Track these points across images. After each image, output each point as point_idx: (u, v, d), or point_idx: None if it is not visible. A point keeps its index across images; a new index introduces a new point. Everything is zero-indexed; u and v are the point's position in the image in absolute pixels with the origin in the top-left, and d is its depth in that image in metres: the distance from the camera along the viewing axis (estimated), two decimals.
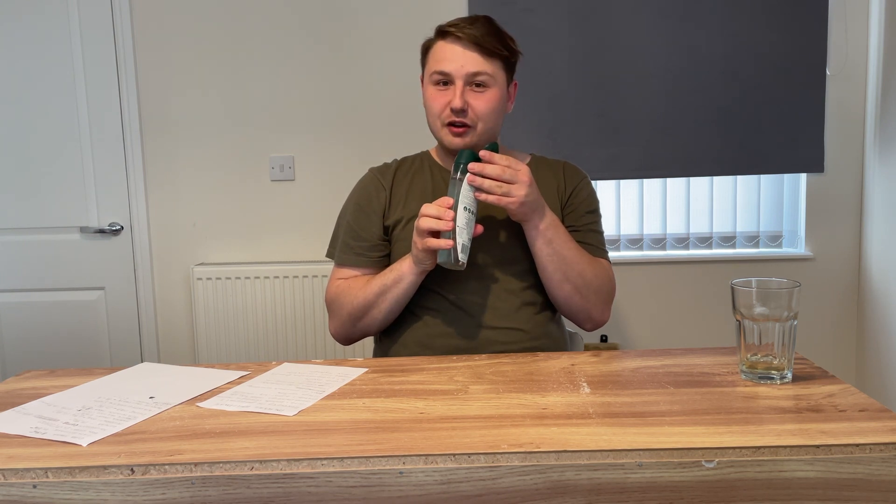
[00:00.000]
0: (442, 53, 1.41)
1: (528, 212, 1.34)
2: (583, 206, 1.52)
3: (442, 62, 1.40)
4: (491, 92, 1.41)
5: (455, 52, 1.39)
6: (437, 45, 1.43)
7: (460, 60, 1.39)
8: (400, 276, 1.38)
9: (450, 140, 1.43)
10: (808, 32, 2.54)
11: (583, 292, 1.41)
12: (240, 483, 0.85)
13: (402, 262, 1.39)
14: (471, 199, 1.30)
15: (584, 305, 1.43)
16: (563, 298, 1.42)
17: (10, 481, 0.85)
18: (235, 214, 2.70)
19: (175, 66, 2.65)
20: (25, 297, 2.72)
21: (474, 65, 1.39)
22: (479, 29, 1.40)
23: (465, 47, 1.39)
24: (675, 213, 2.72)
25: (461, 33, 1.39)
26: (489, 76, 1.40)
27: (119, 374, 1.24)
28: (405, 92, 2.57)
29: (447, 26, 1.42)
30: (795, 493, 0.84)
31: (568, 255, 1.39)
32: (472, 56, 1.39)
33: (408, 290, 1.39)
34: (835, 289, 2.66)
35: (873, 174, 2.53)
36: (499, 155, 1.32)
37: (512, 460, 0.85)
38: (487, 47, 1.39)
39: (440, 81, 1.41)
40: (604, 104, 2.59)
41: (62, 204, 2.69)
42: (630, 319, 2.70)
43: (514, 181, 1.30)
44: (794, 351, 1.10)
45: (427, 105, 1.45)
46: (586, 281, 1.41)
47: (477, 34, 1.39)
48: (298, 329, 2.61)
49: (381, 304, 1.41)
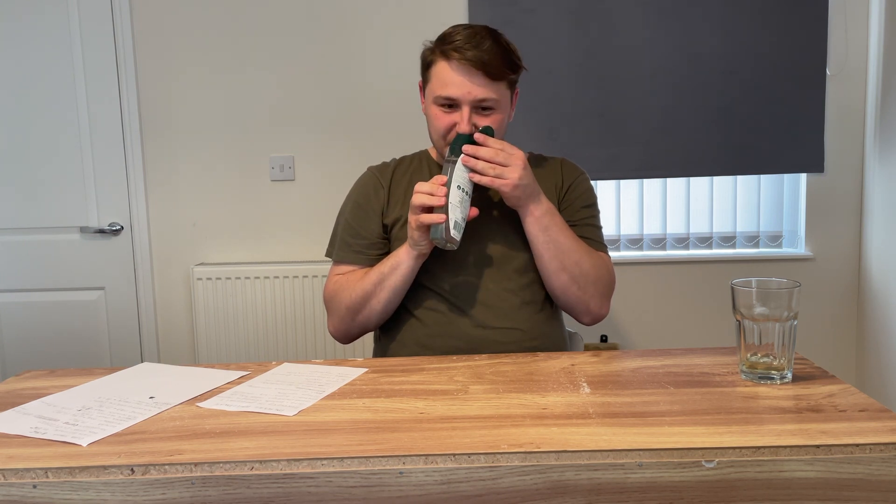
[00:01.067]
0: (447, 76, 1.37)
1: (522, 196, 1.34)
2: (580, 200, 1.52)
3: (447, 87, 1.37)
4: (497, 114, 1.40)
5: (461, 78, 1.36)
6: (441, 66, 1.38)
7: (467, 87, 1.36)
8: (397, 262, 1.38)
9: None
10: (808, 32, 2.54)
11: (580, 282, 1.40)
12: (240, 483, 0.85)
13: (398, 249, 1.40)
14: (465, 180, 1.32)
15: (581, 297, 1.42)
16: (561, 289, 1.41)
17: (10, 481, 0.85)
18: (235, 214, 2.70)
19: (175, 66, 2.65)
20: (25, 297, 2.72)
21: (481, 91, 1.36)
22: (484, 50, 1.35)
23: (471, 73, 1.35)
24: (675, 213, 2.72)
25: (466, 58, 1.34)
26: (497, 100, 1.38)
27: (119, 374, 1.24)
28: (405, 92, 2.57)
29: (450, 47, 1.36)
30: (795, 493, 0.84)
31: (564, 243, 1.38)
32: (478, 81, 1.35)
33: (406, 276, 1.39)
34: (835, 289, 2.66)
35: (873, 174, 2.53)
36: (493, 139, 1.34)
37: (512, 460, 0.85)
38: (494, 72, 1.36)
39: (446, 104, 1.39)
40: (604, 104, 2.59)
41: (62, 204, 2.69)
42: (630, 319, 2.70)
43: (508, 164, 1.31)
44: (794, 351, 1.10)
45: (431, 122, 1.44)
46: (583, 271, 1.40)
47: (484, 58, 1.34)
48: (298, 329, 2.61)
49: (379, 293, 1.41)
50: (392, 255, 1.41)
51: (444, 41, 1.39)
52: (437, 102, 1.40)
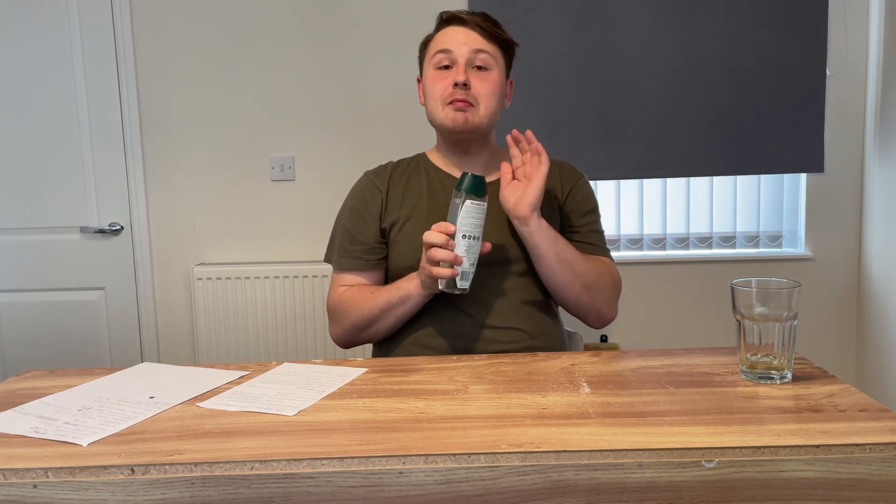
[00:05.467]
0: (444, 36, 1.46)
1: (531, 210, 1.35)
2: (582, 206, 1.52)
3: (444, 42, 1.45)
4: (493, 74, 1.45)
5: (458, 33, 1.45)
6: (439, 32, 1.48)
7: (463, 38, 1.43)
8: (407, 295, 1.38)
9: (452, 117, 1.42)
10: (808, 32, 2.54)
11: (591, 290, 1.41)
12: (240, 483, 0.85)
13: (409, 280, 1.38)
14: (473, 225, 1.28)
15: (592, 303, 1.43)
16: (573, 298, 1.42)
17: (10, 481, 0.85)
18: (235, 214, 2.70)
19: (175, 65, 2.65)
20: (25, 297, 2.72)
21: (476, 42, 1.43)
22: (477, 15, 1.47)
23: (466, 28, 1.45)
24: (675, 213, 2.72)
25: (463, 16, 1.46)
26: (491, 56, 1.44)
27: (119, 374, 1.24)
28: (405, 92, 2.57)
29: (445, 16, 1.48)
30: (795, 493, 0.84)
31: (573, 254, 1.40)
32: (474, 36, 1.44)
33: (414, 308, 1.40)
34: (835, 289, 2.66)
35: (873, 174, 2.53)
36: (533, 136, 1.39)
37: (512, 460, 0.85)
38: (489, 30, 1.45)
39: (442, 62, 1.44)
40: (603, 104, 2.59)
41: (62, 204, 2.69)
42: (630, 319, 2.70)
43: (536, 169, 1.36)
44: (794, 351, 1.10)
45: (428, 90, 1.46)
46: (594, 279, 1.41)
47: (478, 18, 1.46)
48: (298, 329, 2.61)
49: (385, 318, 1.42)
50: (402, 284, 1.39)
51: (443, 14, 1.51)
52: (433, 63, 1.46)
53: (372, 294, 1.43)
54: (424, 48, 1.51)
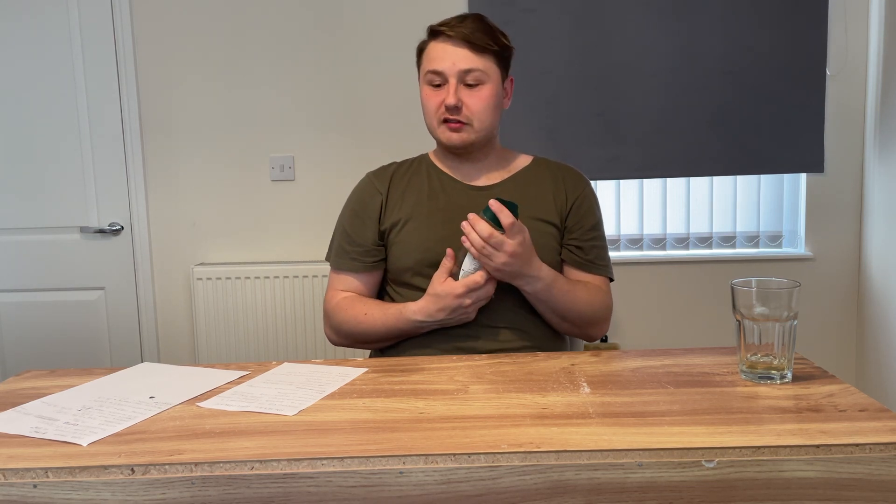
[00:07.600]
0: (434, 53, 1.43)
1: (506, 277, 1.33)
2: (586, 219, 1.50)
3: (434, 61, 1.42)
4: (485, 89, 1.42)
5: (446, 51, 1.41)
6: (430, 46, 1.45)
7: (451, 58, 1.40)
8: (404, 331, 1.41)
9: (447, 137, 1.44)
10: (808, 32, 2.54)
11: (579, 325, 1.45)
12: (240, 483, 0.85)
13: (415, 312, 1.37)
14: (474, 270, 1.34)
15: (581, 333, 1.49)
16: (564, 331, 1.47)
17: (10, 481, 0.85)
18: (235, 214, 2.70)
19: (175, 65, 2.65)
20: (25, 297, 2.72)
21: (465, 62, 1.40)
22: (468, 26, 1.41)
23: (455, 45, 1.41)
24: (675, 213, 2.72)
25: (451, 31, 1.41)
26: (481, 72, 1.41)
27: (119, 374, 1.24)
28: (405, 92, 2.57)
29: (437, 26, 1.44)
30: (795, 493, 0.84)
31: (561, 306, 1.40)
32: (463, 53, 1.40)
33: (412, 333, 1.42)
34: (835, 289, 2.66)
35: (873, 174, 2.53)
36: (482, 225, 1.28)
37: (512, 460, 0.85)
38: (478, 44, 1.40)
39: (434, 81, 1.43)
40: (603, 104, 2.59)
41: (62, 204, 2.69)
42: (630, 319, 2.70)
43: (498, 250, 1.28)
44: (794, 351, 1.10)
45: (423, 105, 1.47)
46: (583, 317, 1.44)
47: (466, 31, 1.40)
48: (298, 329, 2.61)
49: (384, 337, 1.44)
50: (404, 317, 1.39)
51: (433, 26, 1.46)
52: (426, 81, 1.45)
53: (370, 308, 1.44)
54: (419, 56, 1.49)
